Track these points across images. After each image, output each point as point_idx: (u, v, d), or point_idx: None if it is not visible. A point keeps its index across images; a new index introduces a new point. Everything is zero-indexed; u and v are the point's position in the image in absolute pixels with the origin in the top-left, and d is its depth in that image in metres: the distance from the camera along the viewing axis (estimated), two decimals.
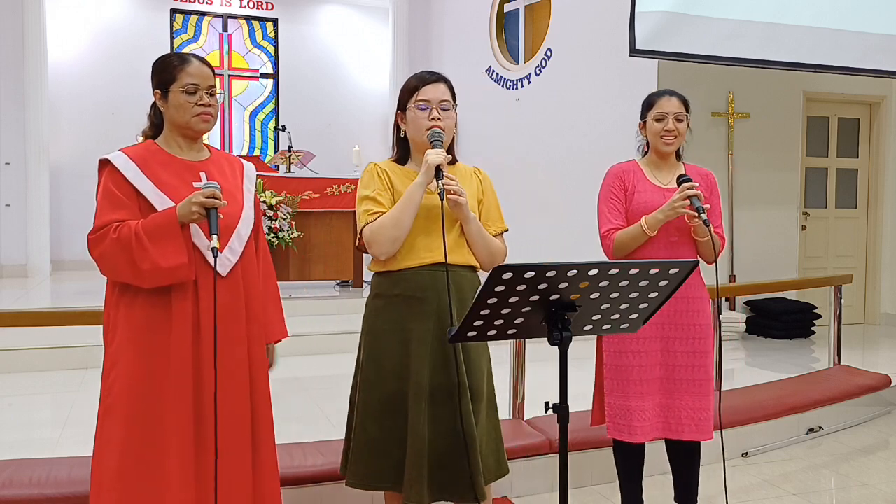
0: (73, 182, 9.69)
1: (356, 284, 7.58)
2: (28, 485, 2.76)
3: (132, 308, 2.11)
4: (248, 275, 2.24)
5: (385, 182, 2.36)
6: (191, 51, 10.43)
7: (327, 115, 10.91)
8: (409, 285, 2.31)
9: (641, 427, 2.70)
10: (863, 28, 5.64)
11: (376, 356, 2.35)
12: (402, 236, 2.27)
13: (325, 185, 7.45)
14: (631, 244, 2.71)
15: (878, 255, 7.70)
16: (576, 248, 7.52)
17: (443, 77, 2.41)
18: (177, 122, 2.18)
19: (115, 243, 2.03)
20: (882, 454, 4.09)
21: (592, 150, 7.26)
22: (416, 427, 2.25)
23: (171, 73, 2.16)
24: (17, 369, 5.05)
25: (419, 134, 2.35)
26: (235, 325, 2.17)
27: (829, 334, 5.13)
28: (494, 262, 2.39)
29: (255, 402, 2.22)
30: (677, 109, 2.76)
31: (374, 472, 2.32)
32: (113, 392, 2.09)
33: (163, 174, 2.14)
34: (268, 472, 2.26)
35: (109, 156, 2.15)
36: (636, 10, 5.31)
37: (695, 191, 2.59)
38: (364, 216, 2.33)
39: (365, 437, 2.32)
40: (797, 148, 7.28)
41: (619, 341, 2.73)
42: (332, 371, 5.49)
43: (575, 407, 1.98)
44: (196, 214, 2.04)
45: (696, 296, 2.76)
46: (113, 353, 2.12)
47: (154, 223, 2.04)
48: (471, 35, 9.51)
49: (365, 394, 2.35)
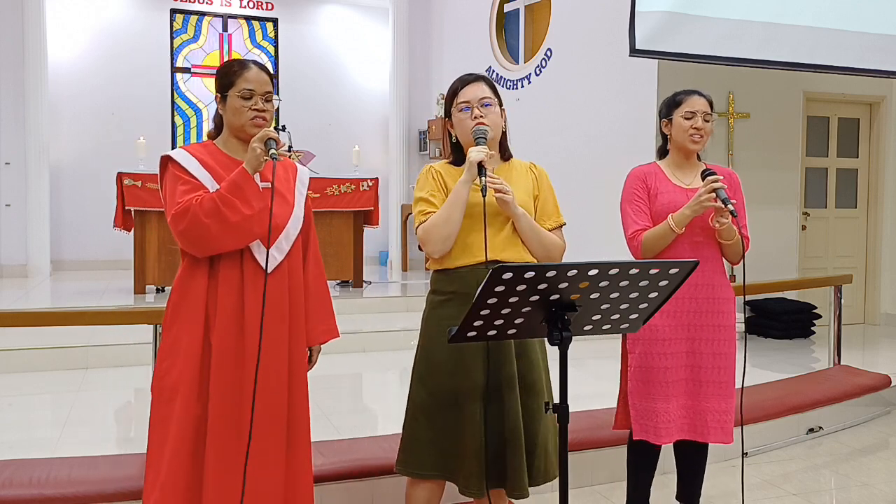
0: (73, 182, 9.69)
1: (356, 284, 7.58)
2: (28, 485, 2.76)
3: (191, 298, 2.19)
4: (293, 275, 2.30)
5: (439, 183, 2.41)
6: (190, 51, 10.46)
7: (327, 115, 10.90)
8: (464, 283, 2.32)
9: (666, 429, 2.69)
10: (863, 28, 5.64)
11: (430, 352, 2.38)
12: (453, 233, 2.31)
13: (325, 185, 7.45)
14: (659, 243, 2.70)
15: (878, 255, 7.70)
16: (576, 247, 7.52)
17: (481, 76, 2.46)
18: (233, 124, 2.27)
19: (201, 210, 2.11)
20: (882, 454, 4.09)
21: (592, 150, 7.27)
22: (472, 426, 2.27)
23: (229, 79, 2.25)
24: (17, 369, 5.05)
25: (466, 136, 2.40)
26: (278, 324, 2.23)
27: (829, 334, 5.13)
28: (550, 256, 2.42)
29: (292, 402, 2.27)
30: (705, 109, 2.76)
31: (423, 462, 2.35)
32: (170, 376, 2.18)
33: (221, 172, 2.22)
34: (302, 470, 2.30)
35: (171, 152, 2.24)
36: (636, 10, 5.31)
37: (719, 183, 2.58)
38: (418, 217, 2.38)
39: (416, 428, 2.38)
40: (797, 148, 7.28)
41: (645, 343, 2.71)
42: (333, 371, 5.49)
43: (575, 407, 1.98)
44: (258, 150, 2.13)
45: (723, 296, 2.76)
46: (170, 343, 2.21)
47: (230, 182, 2.15)
48: (471, 35, 9.52)
49: (417, 388, 2.39)
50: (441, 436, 2.32)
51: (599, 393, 3.65)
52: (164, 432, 2.16)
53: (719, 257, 2.77)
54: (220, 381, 2.16)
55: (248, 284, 2.19)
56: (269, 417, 2.20)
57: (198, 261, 2.20)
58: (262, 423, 2.17)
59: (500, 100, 2.45)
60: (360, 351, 5.76)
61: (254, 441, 2.13)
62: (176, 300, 2.23)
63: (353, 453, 3.14)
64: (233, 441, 2.14)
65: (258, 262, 2.20)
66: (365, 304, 7.03)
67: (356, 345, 5.79)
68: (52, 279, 8.92)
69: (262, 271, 2.18)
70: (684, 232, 2.67)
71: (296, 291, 2.31)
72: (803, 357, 6.10)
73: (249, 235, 2.18)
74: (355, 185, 7.56)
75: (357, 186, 7.55)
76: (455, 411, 2.31)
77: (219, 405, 2.15)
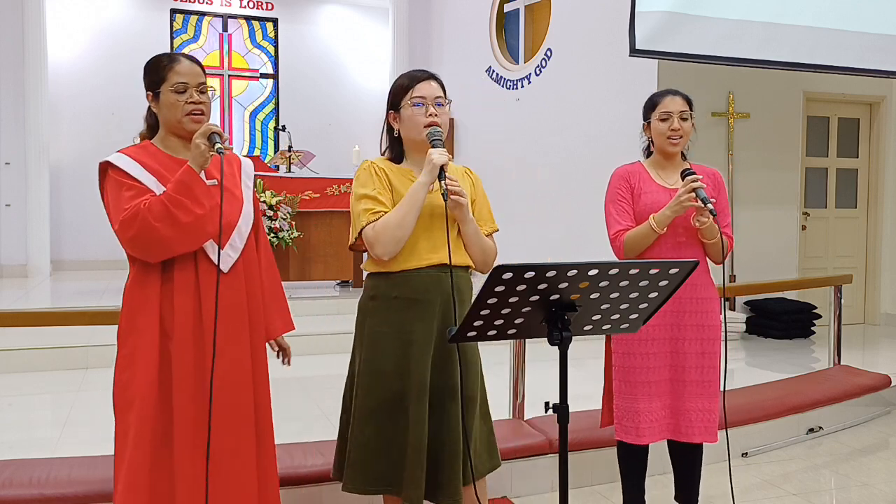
0: (73, 182, 9.69)
1: (356, 284, 7.57)
2: (28, 485, 2.76)
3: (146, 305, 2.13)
4: (249, 272, 2.25)
5: (384, 181, 2.32)
6: (190, 51, 10.46)
7: (327, 115, 10.91)
8: (410, 287, 2.28)
9: (649, 429, 2.69)
10: (863, 28, 5.64)
11: (375, 359, 2.31)
12: (406, 237, 2.25)
13: (325, 185, 7.46)
14: (641, 244, 2.70)
15: (878, 255, 7.70)
16: (576, 247, 7.53)
17: (434, 74, 2.40)
18: (169, 121, 2.18)
19: (151, 214, 2.03)
20: (882, 454, 4.09)
21: (592, 150, 7.27)
22: (418, 427, 2.24)
23: (160, 74, 2.16)
24: (17, 369, 5.05)
25: (416, 132, 2.32)
26: (238, 323, 2.18)
27: (829, 334, 5.13)
28: (487, 262, 2.39)
29: (256, 402, 2.23)
30: (681, 108, 2.73)
31: (372, 477, 2.30)
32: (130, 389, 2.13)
33: (164, 173, 2.15)
34: (268, 470, 2.26)
35: (110, 158, 2.15)
36: (636, 10, 5.31)
37: (699, 183, 2.58)
38: (364, 215, 2.27)
39: (363, 439, 2.30)
40: (797, 148, 7.28)
41: (628, 342, 2.72)
42: (332, 371, 5.47)
43: (575, 407, 1.98)
44: (202, 146, 2.06)
45: (706, 296, 2.76)
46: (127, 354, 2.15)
47: (177, 182, 2.06)
48: (471, 35, 9.52)
49: (362, 397, 2.32)
50: (390, 445, 2.27)
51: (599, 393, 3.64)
52: (125, 444, 2.11)
53: (702, 257, 2.77)
54: (183, 387, 2.09)
55: (204, 286, 2.12)
56: (236, 417, 2.15)
57: (149, 267, 2.12)
58: (229, 423, 2.12)
59: (448, 101, 2.40)
60: None
61: (224, 442, 2.08)
62: (130, 310, 2.15)
63: None
64: (203, 446, 2.08)
65: (213, 262, 2.13)
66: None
67: None
68: (52, 279, 8.92)
69: (217, 271, 2.12)
70: (667, 232, 2.67)
71: (253, 289, 2.25)
72: (803, 357, 6.10)
73: (203, 236, 2.11)
74: None
75: None
76: (401, 414, 2.27)
77: (183, 412, 2.09)
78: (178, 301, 2.11)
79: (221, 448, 2.10)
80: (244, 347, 2.19)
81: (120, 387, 2.15)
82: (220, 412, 2.09)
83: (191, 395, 2.10)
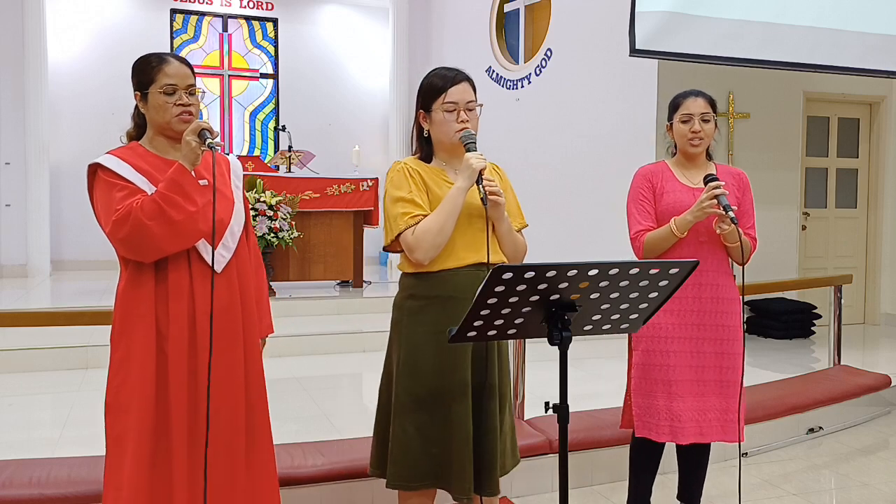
0: (73, 182, 9.67)
1: (356, 284, 7.57)
2: (28, 485, 2.76)
3: (140, 307, 2.11)
4: (242, 272, 2.25)
5: (418, 182, 2.32)
6: (190, 51, 10.46)
7: (327, 115, 10.90)
8: (448, 287, 2.29)
9: (670, 427, 2.68)
10: (863, 28, 5.64)
11: (414, 357, 2.32)
12: (445, 242, 2.26)
13: (325, 185, 7.45)
14: (661, 245, 2.70)
15: (878, 255, 7.70)
16: (576, 247, 7.53)
17: (466, 76, 2.40)
18: (157, 123, 2.17)
19: (143, 213, 2.01)
20: (882, 454, 4.09)
21: (592, 150, 7.26)
22: (463, 422, 2.26)
23: (149, 75, 2.14)
24: (17, 369, 5.05)
25: (447, 136, 2.34)
26: (232, 324, 2.18)
27: (829, 334, 5.13)
28: (518, 258, 2.42)
29: (250, 403, 2.23)
30: (703, 110, 2.73)
31: (419, 472, 2.31)
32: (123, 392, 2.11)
33: (154, 174, 2.14)
34: (266, 471, 2.26)
35: (100, 159, 2.14)
36: (636, 10, 5.31)
37: (721, 189, 2.57)
38: (403, 218, 2.27)
39: (405, 438, 2.30)
40: (797, 148, 7.28)
41: (649, 340, 2.72)
42: (332, 371, 5.49)
43: (575, 407, 1.98)
44: (193, 143, 2.05)
45: (728, 297, 2.76)
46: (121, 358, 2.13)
47: (169, 180, 2.05)
48: (471, 35, 9.51)
49: (402, 395, 2.32)
50: (431, 442, 2.29)
51: (599, 393, 3.66)
52: (121, 448, 2.09)
53: (724, 258, 2.77)
54: (180, 389, 2.09)
55: (198, 287, 2.11)
56: (229, 420, 2.14)
57: (142, 269, 2.11)
58: (222, 426, 2.11)
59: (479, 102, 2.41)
60: (360, 351, 5.75)
61: (214, 445, 2.07)
62: (123, 313, 2.13)
63: (353, 453, 3.13)
64: (199, 448, 2.08)
65: (206, 263, 2.12)
66: (365, 304, 7.02)
67: (356, 345, 5.78)
68: (52, 279, 8.92)
69: (210, 272, 2.11)
70: (688, 233, 2.68)
71: (246, 289, 2.25)
72: (803, 357, 6.10)
73: (195, 234, 2.10)
74: (355, 185, 7.56)
75: (357, 186, 7.56)
76: (443, 411, 2.28)
77: (180, 413, 2.08)
78: (173, 302, 2.10)
79: (214, 449, 2.09)
80: (238, 348, 2.19)
81: (113, 390, 2.13)
82: (213, 412, 2.08)
83: (187, 396, 2.10)
